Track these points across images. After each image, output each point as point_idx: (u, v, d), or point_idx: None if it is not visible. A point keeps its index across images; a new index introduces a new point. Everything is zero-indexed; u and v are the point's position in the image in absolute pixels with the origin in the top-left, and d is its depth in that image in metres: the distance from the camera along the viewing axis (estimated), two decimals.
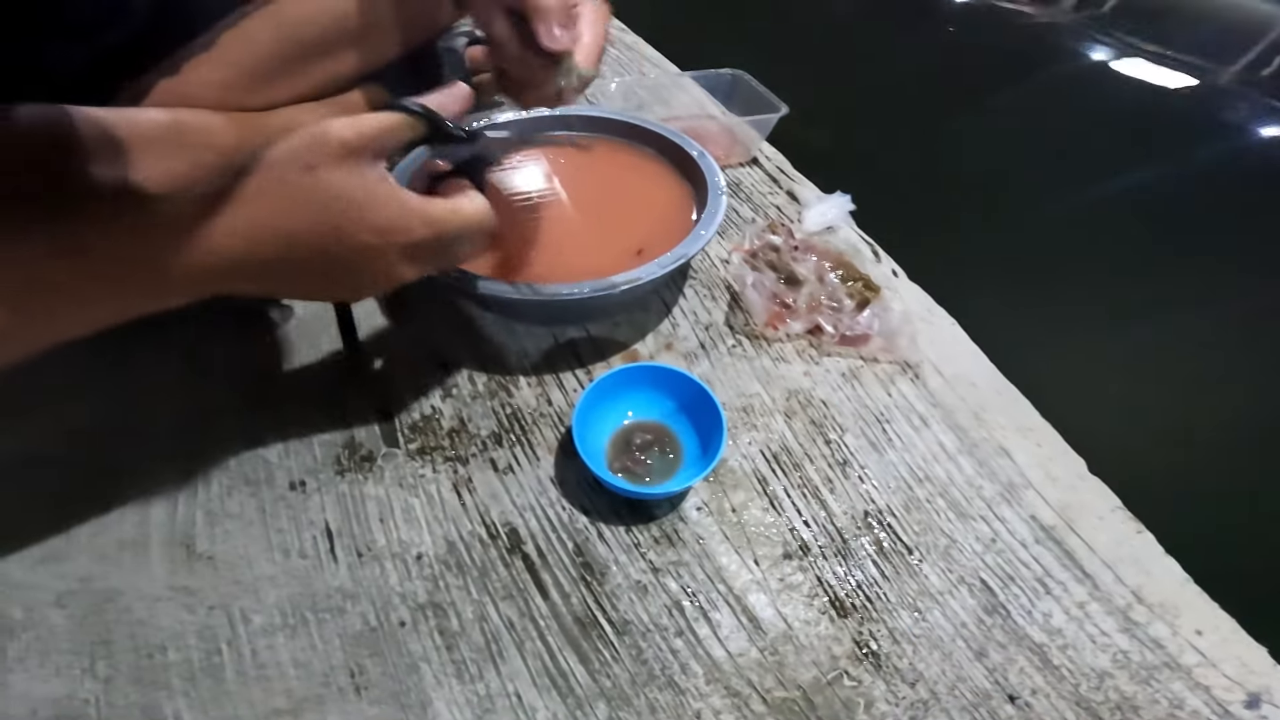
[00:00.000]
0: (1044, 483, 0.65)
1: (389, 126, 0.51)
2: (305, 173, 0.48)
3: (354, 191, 0.49)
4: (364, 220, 0.50)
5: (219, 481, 0.63)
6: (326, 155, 0.48)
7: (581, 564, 0.59)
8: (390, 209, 0.51)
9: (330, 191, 0.49)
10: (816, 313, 0.75)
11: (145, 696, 0.51)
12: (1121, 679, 0.53)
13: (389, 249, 0.52)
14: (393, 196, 0.51)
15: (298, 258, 0.51)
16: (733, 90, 1.05)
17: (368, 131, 0.49)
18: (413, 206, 0.52)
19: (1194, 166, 1.25)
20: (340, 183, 0.49)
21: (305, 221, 0.49)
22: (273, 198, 0.48)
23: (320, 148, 0.48)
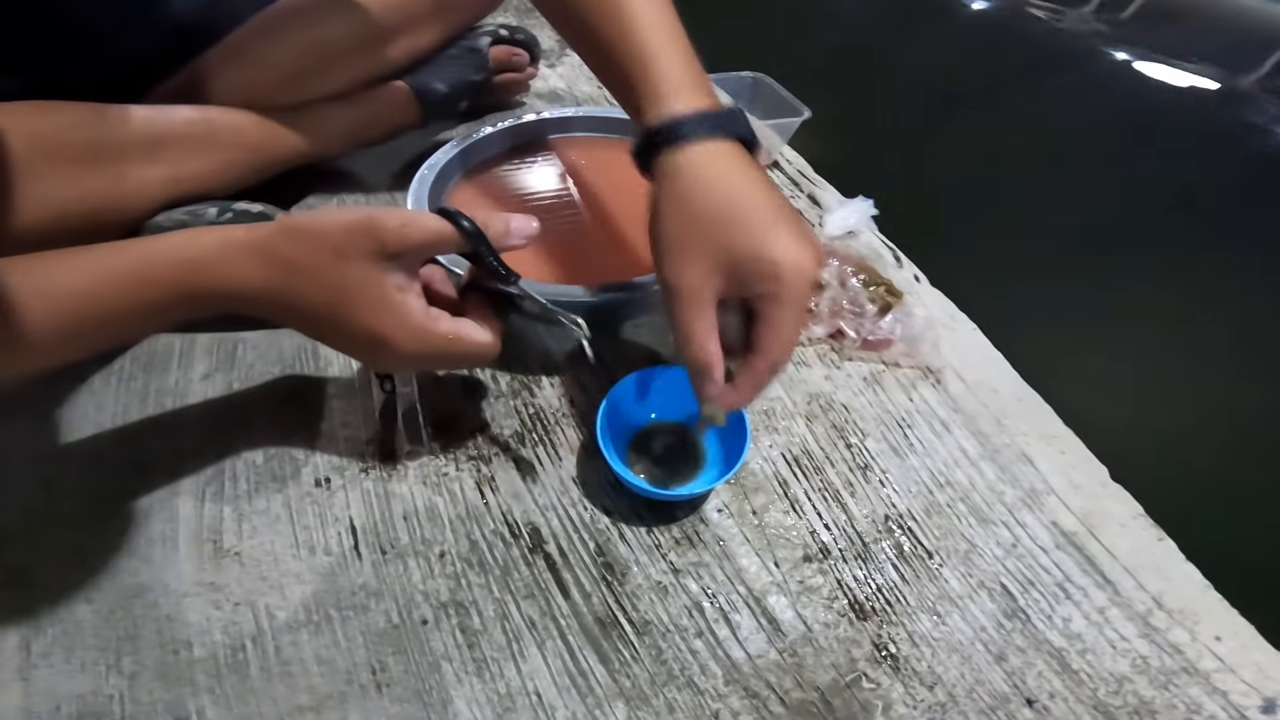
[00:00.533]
0: (1066, 489, 0.64)
1: (435, 238, 0.52)
2: (333, 256, 0.50)
3: (368, 290, 0.51)
4: (360, 319, 0.52)
5: (246, 478, 0.64)
6: (362, 252, 0.50)
7: (603, 564, 0.59)
8: (388, 319, 0.52)
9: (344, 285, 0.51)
10: (838, 317, 0.75)
11: (170, 693, 0.52)
12: (1140, 684, 0.53)
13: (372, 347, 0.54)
14: (398, 309, 0.52)
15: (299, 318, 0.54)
16: (754, 94, 1.05)
17: (412, 240, 0.51)
18: (411, 324, 0.53)
19: (1219, 171, 1.24)
20: (359, 278, 0.51)
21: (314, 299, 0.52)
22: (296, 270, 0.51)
23: (360, 240, 0.50)
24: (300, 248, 0.50)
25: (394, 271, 0.51)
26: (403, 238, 0.50)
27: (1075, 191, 1.19)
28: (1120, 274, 1.02)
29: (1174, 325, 0.96)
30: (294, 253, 0.50)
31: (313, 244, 0.50)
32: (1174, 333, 0.95)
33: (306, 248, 0.50)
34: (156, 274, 0.50)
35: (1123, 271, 1.02)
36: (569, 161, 0.90)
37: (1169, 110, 1.43)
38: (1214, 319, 0.97)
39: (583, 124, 0.93)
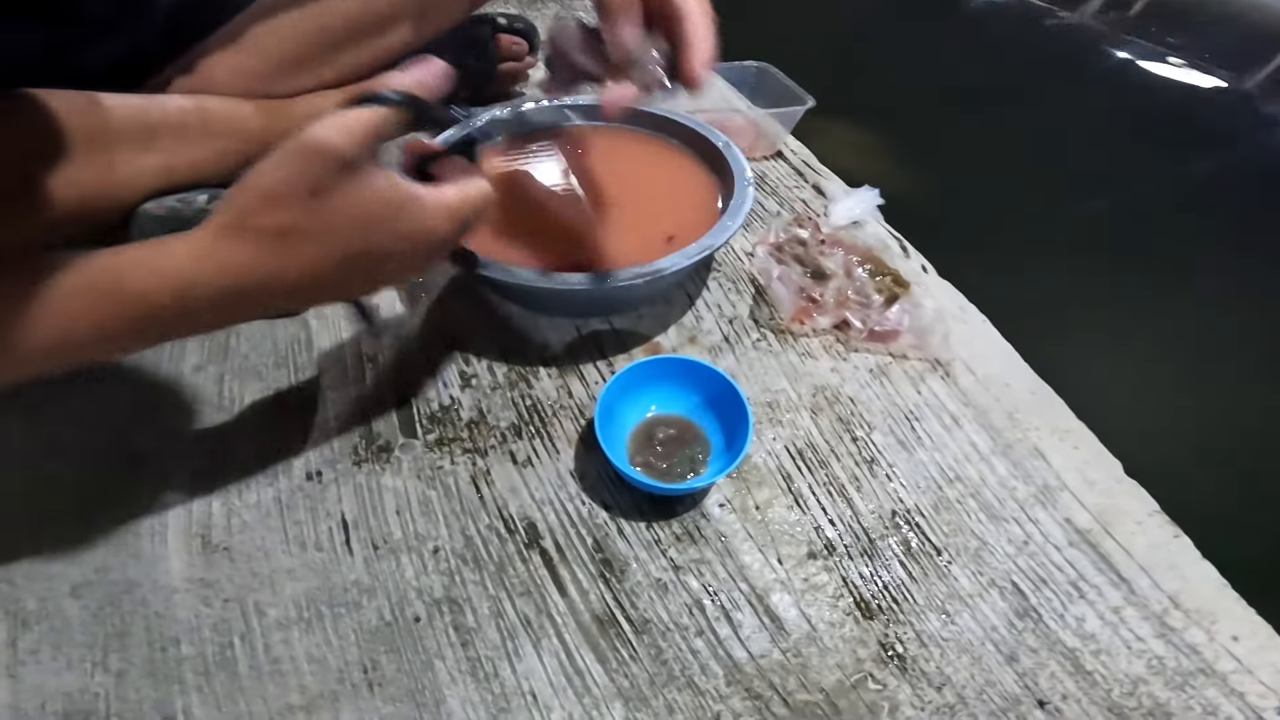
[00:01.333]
0: (1080, 485, 0.63)
1: (377, 124, 0.48)
2: (311, 200, 0.45)
3: (370, 207, 0.47)
4: (390, 231, 0.49)
5: (237, 471, 0.63)
6: (328, 177, 0.45)
7: (601, 560, 0.57)
8: (413, 213, 0.49)
9: (345, 214, 0.47)
10: (844, 307, 0.73)
11: (157, 691, 0.51)
12: (1156, 685, 0.51)
13: (416, 249, 0.51)
14: (410, 202, 0.49)
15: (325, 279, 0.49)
16: (758, 83, 1.04)
17: (359, 136, 0.46)
18: (430, 204, 0.50)
19: (1226, 167, 1.23)
20: (353, 203, 0.47)
21: (329, 249, 0.47)
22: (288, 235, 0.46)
23: (317, 168, 0.45)
24: (280, 211, 0.45)
25: (370, 174, 0.47)
26: (352, 140, 0.45)
27: (1084, 185, 1.18)
28: (1132, 268, 1.01)
29: (1187, 320, 0.95)
30: (276, 219, 0.45)
31: (287, 201, 0.45)
32: (1188, 327, 0.94)
33: (285, 208, 0.45)
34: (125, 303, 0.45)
35: (1135, 265, 1.01)
36: (567, 151, 0.89)
37: (1175, 107, 1.42)
38: (1226, 313, 0.95)
39: (582, 113, 0.92)
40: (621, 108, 0.60)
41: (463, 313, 0.77)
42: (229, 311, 0.49)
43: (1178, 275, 1.00)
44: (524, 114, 0.89)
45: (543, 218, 0.78)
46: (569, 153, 0.88)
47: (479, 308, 0.77)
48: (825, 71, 1.13)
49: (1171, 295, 0.98)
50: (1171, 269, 1.01)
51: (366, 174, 0.47)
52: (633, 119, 0.89)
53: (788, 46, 1.17)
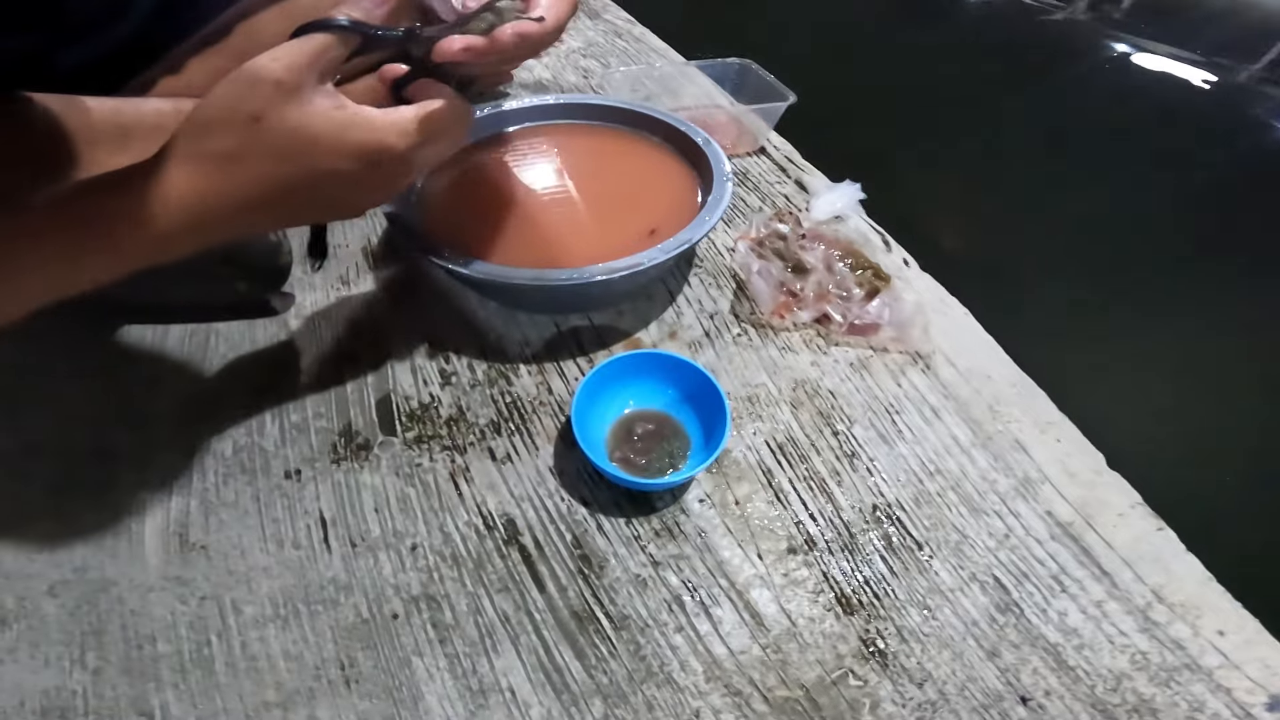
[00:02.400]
0: (1061, 478, 0.62)
1: (319, 49, 0.47)
2: (253, 124, 0.46)
3: (313, 128, 0.47)
4: (337, 150, 0.48)
5: (215, 470, 0.63)
6: (267, 101, 0.46)
7: (580, 556, 0.57)
8: (358, 133, 0.48)
9: (288, 136, 0.47)
10: (824, 301, 0.73)
11: (134, 688, 0.51)
12: (1140, 680, 0.51)
13: (371, 169, 0.50)
14: (357, 119, 0.48)
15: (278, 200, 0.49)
16: (741, 80, 1.04)
17: (300, 63, 0.46)
18: (380, 124, 0.49)
19: (1214, 164, 1.23)
20: (295, 124, 0.47)
21: (275, 170, 0.48)
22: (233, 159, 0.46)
23: (257, 94, 0.45)
24: (217, 138, 0.46)
25: (313, 95, 0.47)
26: (290, 65, 0.45)
27: (1071, 180, 1.18)
28: (1117, 262, 1.01)
29: (1171, 313, 0.94)
30: (215, 145, 0.46)
31: (223, 128, 0.46)
32: (1171, 320, 0.94)
33: (222, 135, 0.46)
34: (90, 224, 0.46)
35: (1120, 259, 1.01)
36: (553, 148, 0.89)
37: (1167, 102, 1.43)
38: (1212, 307, 0.95)
39: (566, 111, 0.92)
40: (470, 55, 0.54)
41: (442, 310, 0.77)
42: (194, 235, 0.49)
43: (1163, 269, 1.00)
44: (506, 113, 0.89)
45: (524, 213, 0.78)
46: (552, 149, 0.88)
47: (458, 305, 0.77)
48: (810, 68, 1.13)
49: (1156, 288, 0.97)
50: (1157, 263, 1.01)
51: (308, 97, 0.47)
52: (613, 116, 0.89)
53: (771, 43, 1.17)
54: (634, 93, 1.07)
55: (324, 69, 0.49)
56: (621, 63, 1.26)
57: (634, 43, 1.34)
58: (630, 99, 0.91)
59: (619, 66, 1.23)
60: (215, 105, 0.46)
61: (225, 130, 0.46)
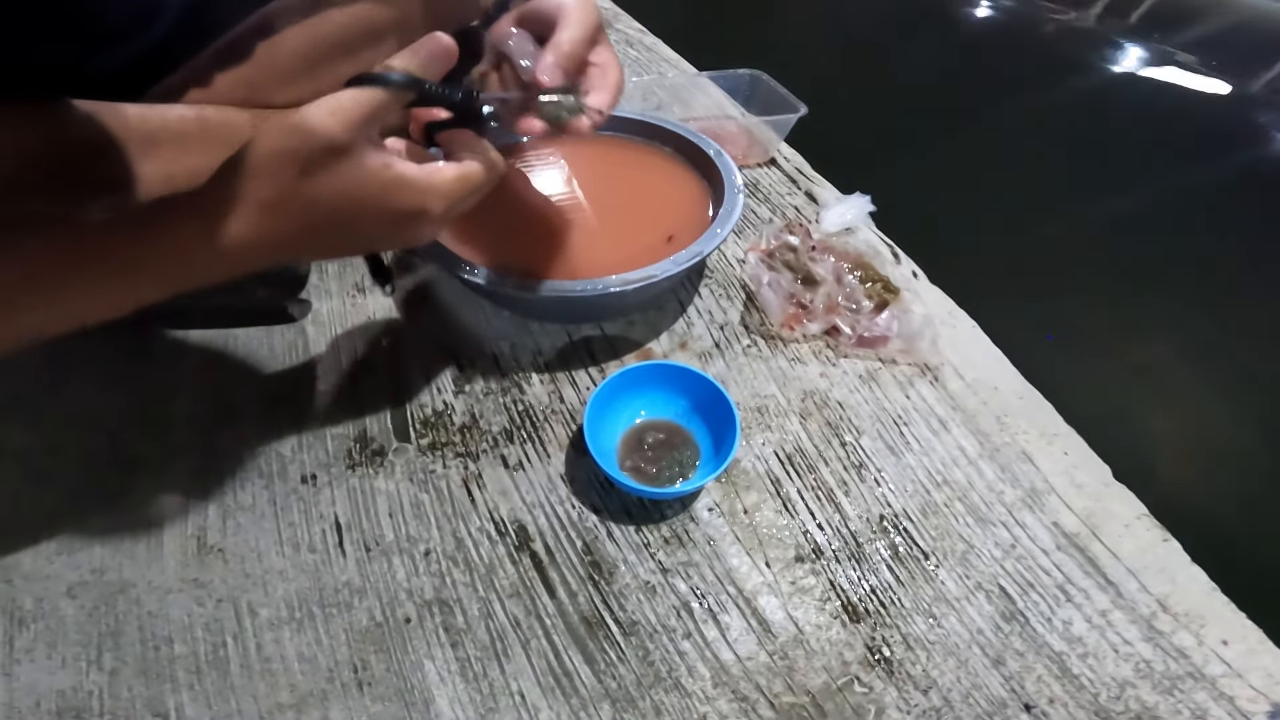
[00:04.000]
0: (1068, 489, 0.63)
1: (374, 107, 0.47)
2: (301, 177, 0.46)
3: (358, 187, 0.48)
4: (378, 210, 0.50)
5: (233, 474, 0.64)
6: (317, 158, 0.46)
7: (590, 563, 0.58)
8: (401, 195, 0.50)
9: (334, 194, 0.48)
10: (834, 313, 0.74)
11: (150, 689, 0.51)
12: (1143, 689, 0.51)
13: (406, 227, 0.52)
14: (401, 181, 0.50)
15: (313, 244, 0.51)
16: (752, 91, 1.04)
17: (354, 120, 0.46)
18: (423, 186, 0.51)
19: (1223, 174, 1.23)
20: (342, 184, 0.48)
21: (315, 221, 0.49)
22: (276, 206, 0.47)
23: (307, 148, 0.46)
24: (260, 185, 0.46)
25: (364, 154, 0.47)
26: (344, 123, 0.45)
27: (1079, 193, 1.18)
28: (1126, 274, 1.01)
29: (1179, 325, 0.94)
30: (258, 191, 0.46)
31: (269, 176, 0.46)
32: (1179, 332, 0.94)
33: (266, 182, 0.46)
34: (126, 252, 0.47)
35: (1128, 271, 1.01)
36: (568, 158, 0.89)
37: (1176, 113, 1.42)
38: (1220, 319, 0.95)
39: None
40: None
41: (456, 318, 0.78)
42: (228, 268, 0.50)
43: (1172, 280, 1.00)
44: None
45: (537, 223, 0.78)
46: (567, 159, 0.89)
47: (472, 313, 0.78)
48: (821, 79, 1.14)
49: (1164, 300, 0.98)
50: (1166, 274, 1.01)
51: (357, 156, 0.48)
52: (625, 127, 0.89)
53: (782, 54, 1.18)
54: (645, 102, 1.08)
55: (378, 123, 0.49)
56: (633, 72, 1.27)
57: (645, 52, 1.35)
58: (642, 109, 0.92)
59: (631, 76, 1.24)
60: (265, 152, 0.46)
61: (273, 179, 0.46)
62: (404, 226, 0.52)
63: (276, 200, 0.47)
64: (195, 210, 0.47)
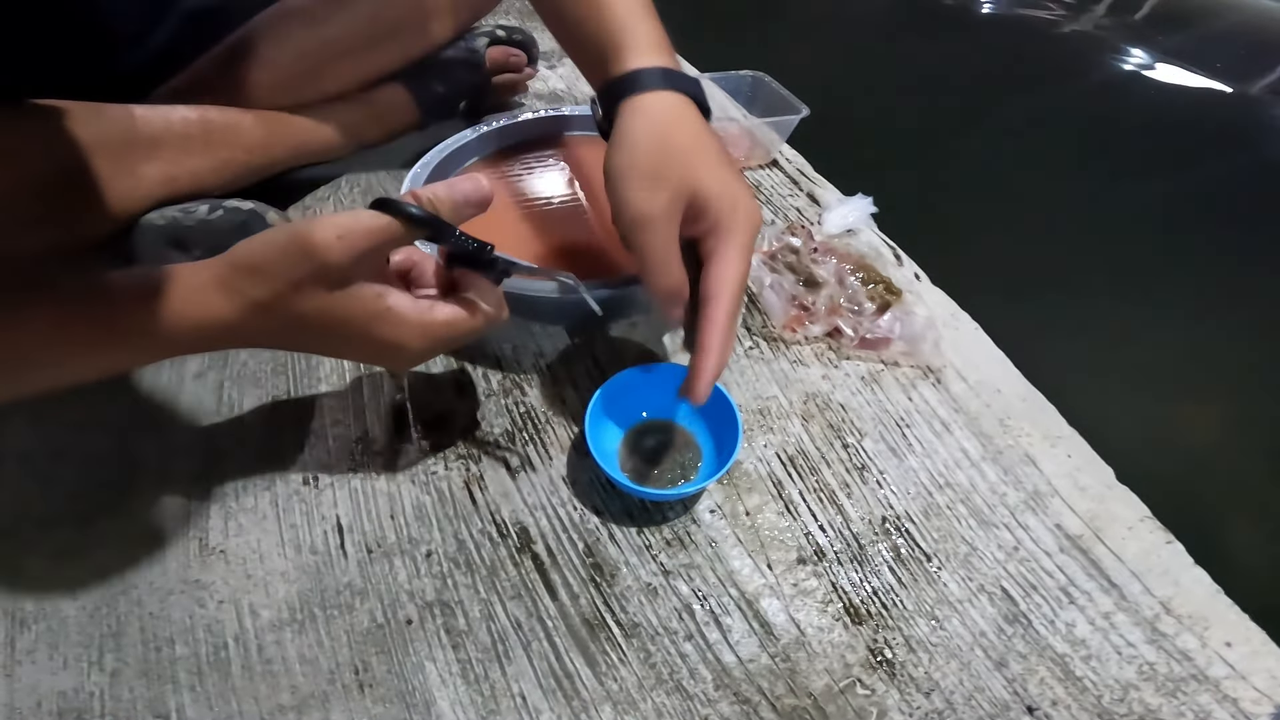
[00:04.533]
0: (1071, 491, 0.63)
1: (382, 237, 0.48)
2: (292, 290, 0.47)
3: (345, 311, 0.49)
4: (360, 335, 0.51)
5: (235, 476, 0.64)
6: (312, 277, 0.47)
7: (591, 565, 0.58)
8: (385, 327, 0.51)
9: (319, 313, 0.49)
10: (836, 315, 0.74)
11: (151, 690, 0.51)
12: (1147, 691, 0.51)
13: (385, 355, 0.53)
14: (389, 315, 0.50)
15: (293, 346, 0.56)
16: (753, 92, 1.04)
17: (359, 249, 0.47)
18: (411, 322, 0.51)
19: (1227, 175, 1.23)
20: (329, 305, 0.48)
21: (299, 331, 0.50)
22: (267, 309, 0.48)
23: (306, 266, 0.46)
24: (257, 285, 0.47)
25: (361, 285, 0.49)
26: (347, 250, 0.46)
27: (1081, 194, 1.17)
28: (1129, 275, 1.00)
29: (1183, 327, 0.94)
30: (254, 291, 0.47)
31: (265, 280, 0.47)
32: (1183, 334, 0.93)
33: (261, 285, 0.47)
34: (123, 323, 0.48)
35: (1131, 273, 1.01)
36: (568, 161, 0.89)
37: (1179, 114, 1.42)
38: (1224, 321, 0.95)
39: (581, 123, 0.92)
40: None
41: None
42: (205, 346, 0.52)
43: (1174, 282, 1.00)
44: (522, 124, 0.90)
45: (540, 225, 0.78)
46: (567, 162, 0.89)
47: None
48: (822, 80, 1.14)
49: (1166, 302, 0.97)
50: (1170, 277, 1.01)
51: (351, 283, 0.49)
52: None
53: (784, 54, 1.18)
54: None
55: (383, 252, 0.51)
56: None
57: None
58: None
59: None
60: (264, 256, 0.47)
61: (267, 282, 0.47)
62: (383, 354, 0.53)
63: (269, 303, 0.48)
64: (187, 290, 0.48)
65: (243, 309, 0.48)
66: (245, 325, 0.48)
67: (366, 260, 0.48)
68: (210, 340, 0.50)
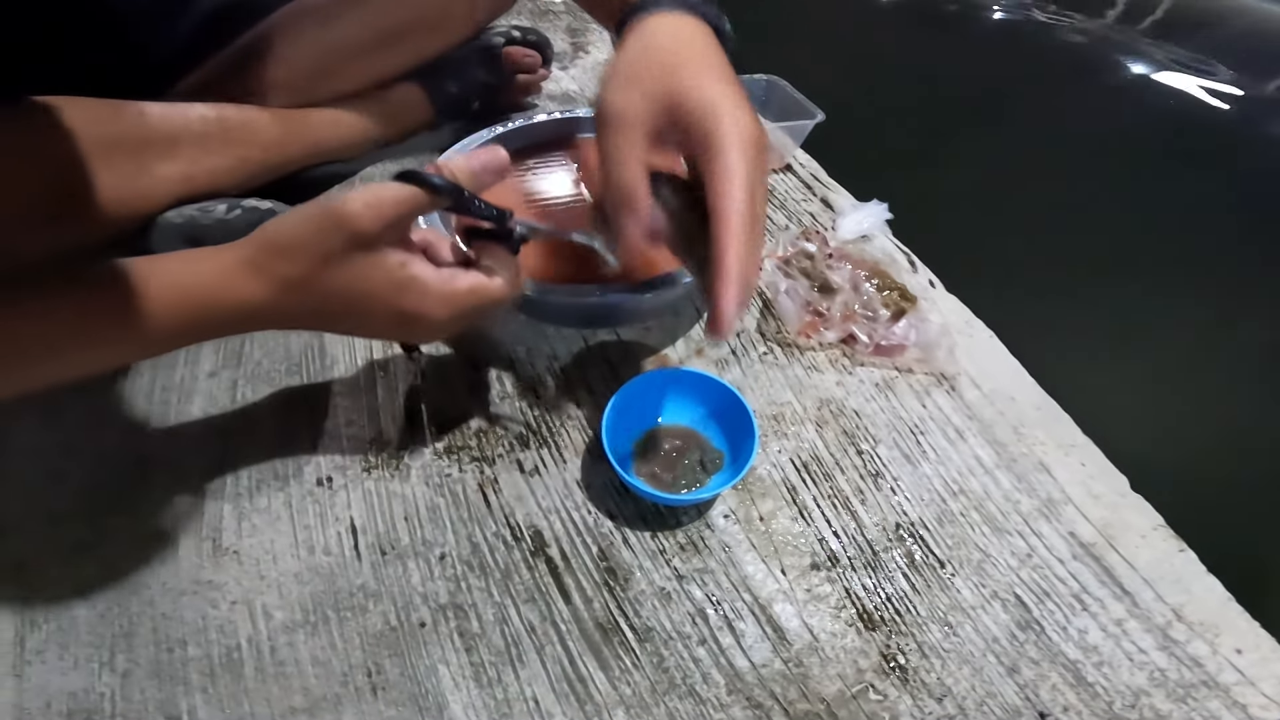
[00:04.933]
0: (1084, 499, 0.63)
1: (408, 205, 0.49)
2: (322, 262, 0.48)
3: (371, 281, 0.50)
4: (385, 306, 0.51)
5: (248, 475, 0.64)
6: (342, 246, 0.48)
7: (605, 569, 0.58)
8: (410, 297, 0.51)
9: (347, 283, 0.49)
10: (850, 322, 0.73)
11: (162, 691, 0.51)
12: (1158, 697, 0.51)
13: (409, 326, 0.54)
14: (413, 284, 0.51)
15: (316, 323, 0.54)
16: (768, 96, 1.04)
17: (386, 217, 0.48)
18: (433, 292, 0.52)
19: (1239, 180, 1.22)
20: (357, 275, 0.49)
21: (325, 303, 0.50)
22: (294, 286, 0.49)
23: (335, 237, 0.48)
24: (288, 264, 0.48)
25: (386, 252, 0.50)
26: (376, 218, 0.48)
27: (1095, 200, 1.17)
28: (1141, 283, 1.00)
29: (1195, 335, 0.94)
30: (285, 269, 0.48)
31: (296, 257, 0.48)
32: (1195, 342, 0.93)
33: (293, 263, 0.48)
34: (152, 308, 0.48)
35: (1144, 280, 1.00)
36: (581, 162, 0.89)
37: (1191, 118, 1.42)
38: (1236, 328, 0.95)
39: (592, 125, 0.92)
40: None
41: None
42: (231, 330, 0.53)
43: (1187, 289, 0.99)
44: (535, 126, 0.90)
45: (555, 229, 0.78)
46: (580, 164, 0.89)
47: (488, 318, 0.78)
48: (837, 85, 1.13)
49: (1181, 309, 0.97)
50: (1181, 282, 1.00)
51: (378, 251, 0.50)
52: None
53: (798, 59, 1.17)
54: None
55: (405, 224, 0.51)
56: None
57: None
58: None
59: None
60: (294, 233, 0.49)
61: (296, 259, 0.48)
62: (407, 325, 0.53)
63: (297, 279, 0.49)
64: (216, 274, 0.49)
65: (273, 289, 0.49)
66: (274, 306, 0.49)
67: (393, 229, 0.49)
68: (238, 323, 0.51)
